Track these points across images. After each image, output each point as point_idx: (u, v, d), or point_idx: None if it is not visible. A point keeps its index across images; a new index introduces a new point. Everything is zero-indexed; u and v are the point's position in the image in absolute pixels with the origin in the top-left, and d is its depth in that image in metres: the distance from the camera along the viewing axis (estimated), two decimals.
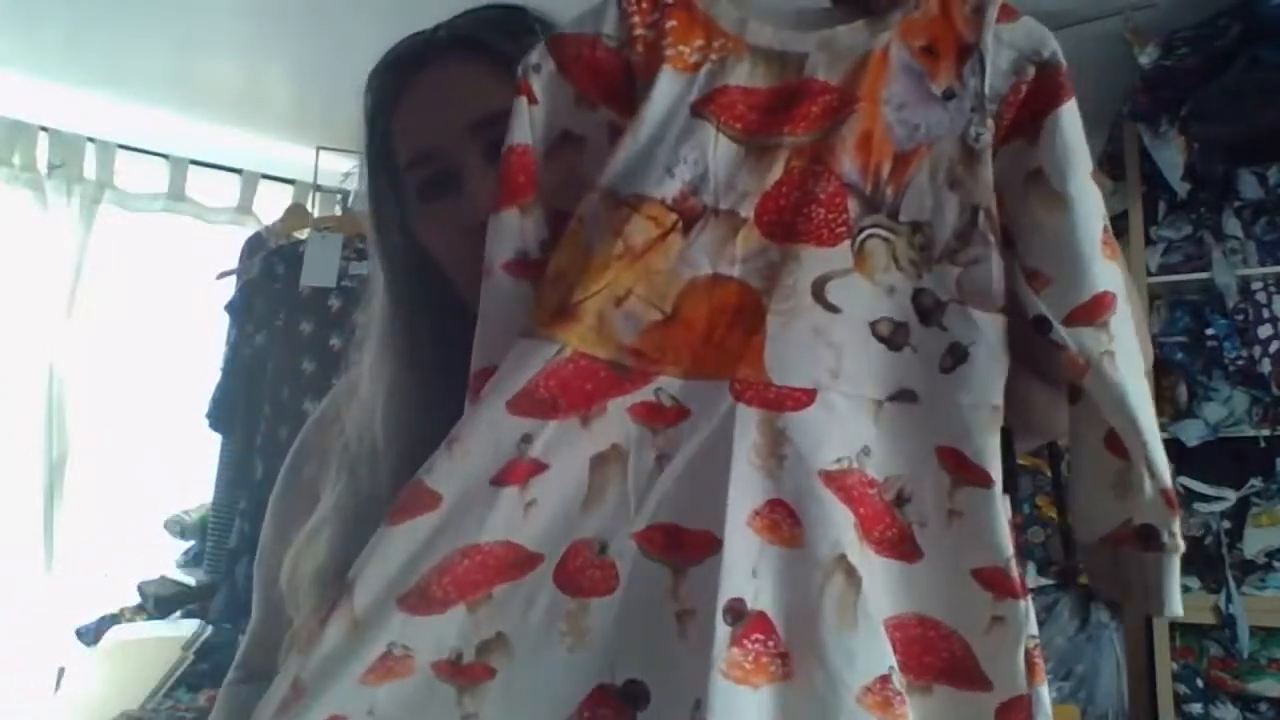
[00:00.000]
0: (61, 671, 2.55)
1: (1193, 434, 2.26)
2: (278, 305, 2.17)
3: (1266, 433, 2.21)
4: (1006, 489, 0.55)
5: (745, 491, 0.52)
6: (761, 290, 0.55)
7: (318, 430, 0.84)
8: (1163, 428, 2.32)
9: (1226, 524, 2.25)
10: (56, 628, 2.63)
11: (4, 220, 2.73)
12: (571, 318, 0.55)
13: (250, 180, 3.18)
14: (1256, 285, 2.24)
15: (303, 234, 2.30)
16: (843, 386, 0.55)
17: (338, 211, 2.46)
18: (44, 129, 2.77)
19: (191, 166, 3.06)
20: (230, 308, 2.24)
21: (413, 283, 0.74)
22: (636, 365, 0.55)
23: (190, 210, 3.09)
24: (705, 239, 0.56)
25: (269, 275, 2.20)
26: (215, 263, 2.49)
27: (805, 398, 0.54)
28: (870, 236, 0.56)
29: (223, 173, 3.14)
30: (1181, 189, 2.25)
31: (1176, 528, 0.57)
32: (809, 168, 0.56)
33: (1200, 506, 2.28)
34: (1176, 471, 2.32)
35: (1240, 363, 2.23)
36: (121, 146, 2.91)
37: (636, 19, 0.60)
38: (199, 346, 2.61)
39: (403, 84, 0.73)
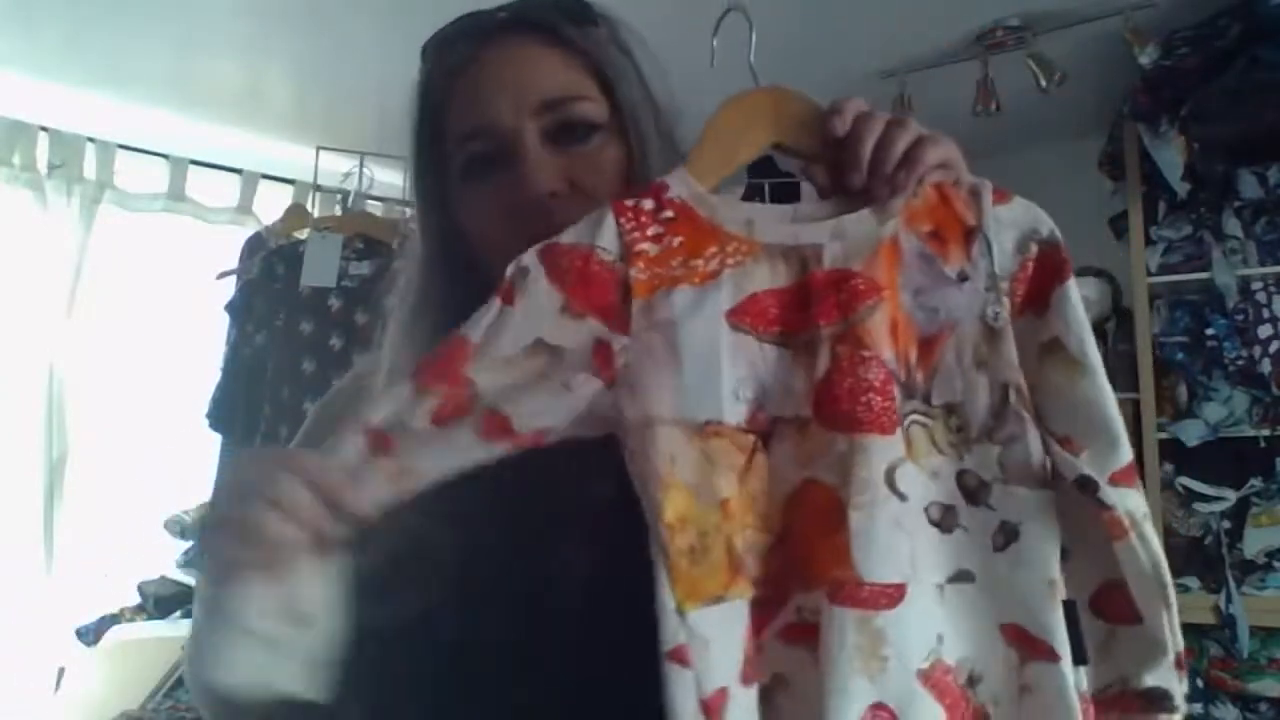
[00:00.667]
0: (61, 671, 2.55)
1: (1193, 434, 2.26)
2: (278, 305, 2.17)
3: (1266, 433, 2.21)
4: (1076, 660, 0.55)
5: (850, 698, 0.52)
6: (837, 485, 0.55)
7: (339, 399, 0.83)
8: (1162, 428, 2.35)
9: (1226, 524, 2.25)
10: (56, 628, 2.64)
11: (4, 220, 2.73)
12: (738, 571, 0.55)
13: (250, 180, 3.18)
14: (1256, 285, 2.24)
15: (303, 234, 2.30)
16: (920, 575, 0.55)
17: (338, 211, 2.46)
18: (44, 129, 2.76)
19: (191, 166, 3.06)
20: (230, 308, 2.24)
21: (447, 260, 0.73)
22: (773, 595, 0.56)
23: (190, 210, 3.08)
24: (784, 450, 0.57)
25: (269, 275, 2.20)
26: (215, 263, 2.49)
27: (897, 593, 0.54)
28: (912, 423, 0.58)
29: (223, 173, 3.14)
30: (1181, 189, 2.25)
31: (1182, 689, 0.61)
32: (855, 353, 0.57)
33: (1200, 506, 2.28)
34: (1176, 471, 2.32)
35: (1240, 363, 2.23)
36: (121, 146, 2.91)
37: (637, 234, 0.60)
38: (199, 346, 2.61)
39: (461, 58, 0.71)
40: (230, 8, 2.19)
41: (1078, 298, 0.58)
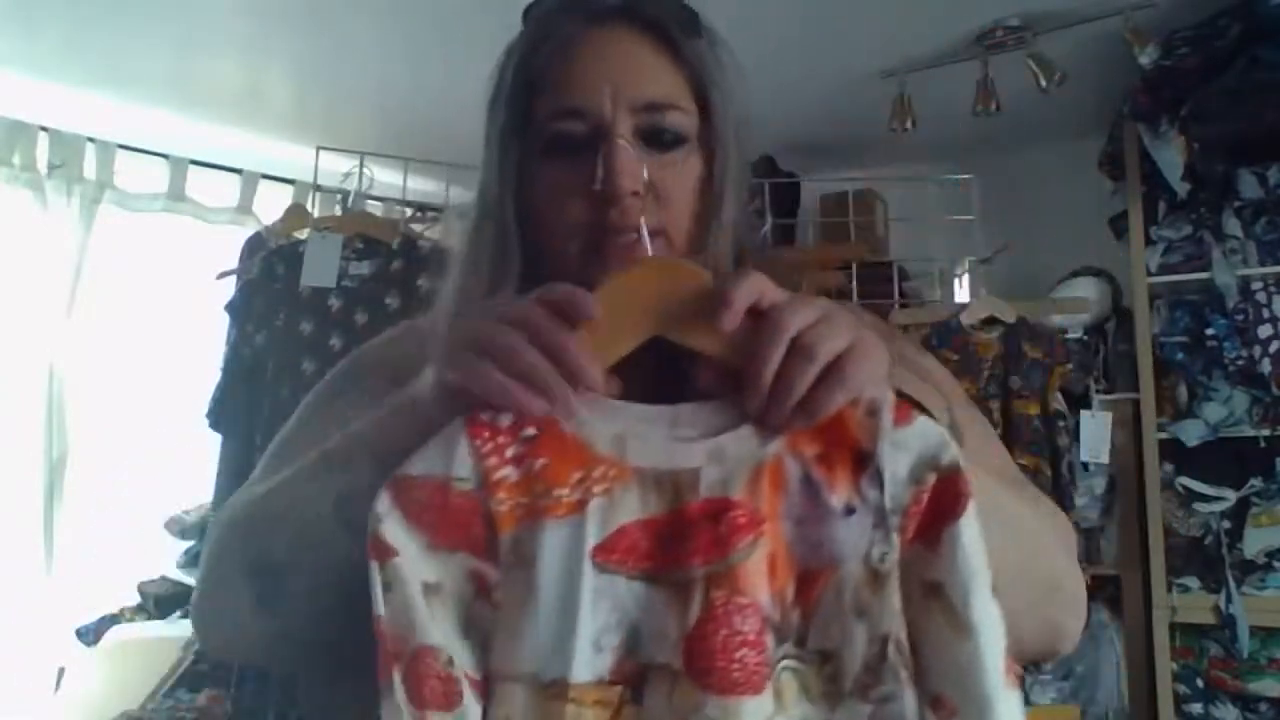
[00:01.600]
0: (61, 671, 2.55)
1: (1193, 434, 2.26)
2: (278, 305, 2.17)
3: (1266, 433, 2.21)
4: None
5: None
6: None
7: (377, 350, 0.82)
8: (1163, 428, 2.35)
9: (1226, 524, 2.25)
10: (56, 628, 2.64)
11: (4, 220, 2.73)
12: None
13: (250, 180, 3.18)
14: (1256, 285, 2.24)
15: (303, 234, 2.30)
16: None
17: (338, 211, 2.46)
18: (44, 129, 2.76)
19: (191, 166, 3.06)
20: (230, 308, 2.24)
21: (501, 226, 0.71)
22: None
23: (190, 210, 3.08)
24: (657, 701, 0.51)
25: (269, 275, 2.20)
26: (215, 263, 2.49)
27: None
28: (783, 670, 0.53)
29: (223, 173, 3.14)
30: (1181, 189, 2.25)
31: None
32: (731, 600, 0.52)
33: (1200, 506, 2.28)
34: (1176, 471, 2.32)
35: (1240, 363, 2.23)
36: (121, 146, 2.91)
37: (494, 459, 0.53)
38: (199, 346, 2.61)
39: (569, 33, 0.70)
40: (230, 8, 2.19)
41: (972, 539, 0.52)
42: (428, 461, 0.54)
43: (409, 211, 2.65)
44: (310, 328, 2.14)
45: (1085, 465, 2.32)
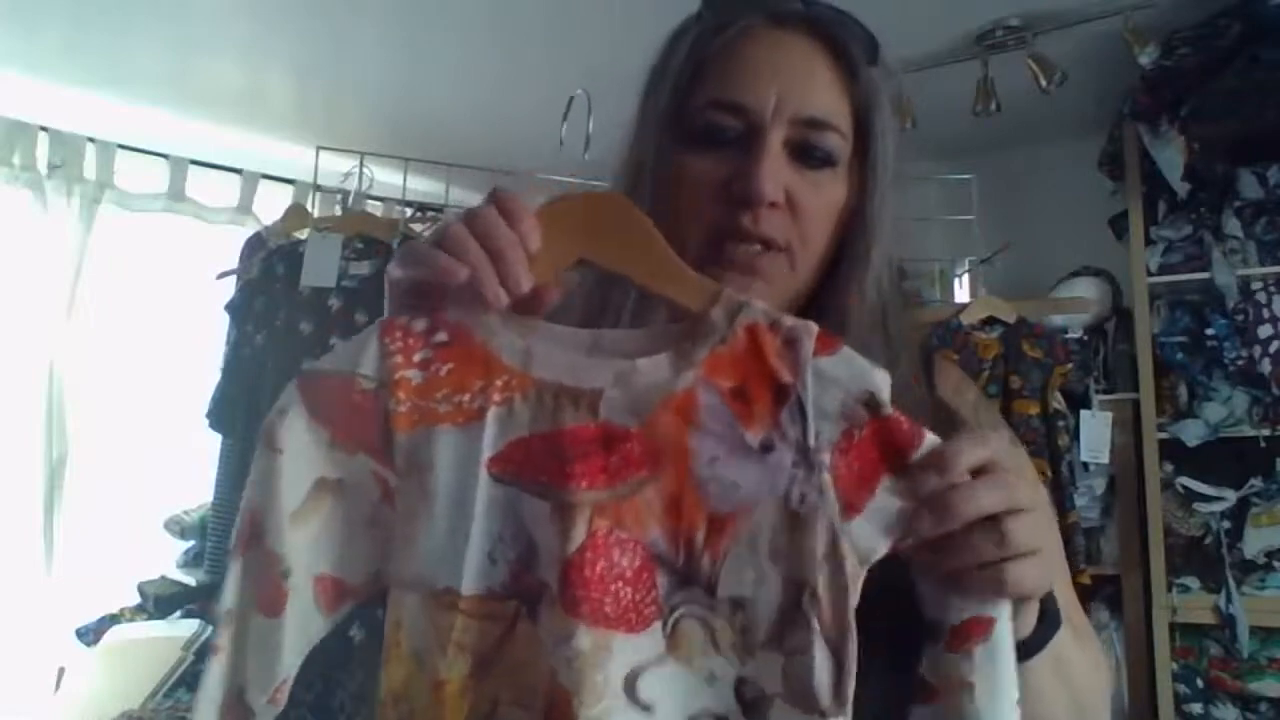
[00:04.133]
0: (61, 671, 2.55)
1: (1193, 434, 2.26)
2: (278, 305, 2.17)
3: (1266, 433, 2.21)
4: None
5: None
6: (571, 689, 0.48)
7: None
8: (1163, 428, 2.35)
9: (1226, 524, 2.25)
10: (56, 628, 2.63)
11: (4, 220, 2.73)
12: None
13: (250, 180, 3.18)
14: (1256, 285, 2.24)
15: (303, 234, 2.30)
16: None
17: (338, 211, 2.46)
18: (44, 129, 2.76)
19: (191, 166, 3.06)
20: (230, 308, 2.24)
21: (633, 193, 0.68)
22: None
23: (190, 210, 3.08)
24: (548, 619, 0.50)
25: (269, 275, 2.20)
26: (215, 263, 2.49)
27: None
28: (684, 617, 0.50)
29: (223, 173, 3.14)
30: (1181, 189, 2.25)
31: None
32: (613, 533, 0.49)
33: (1200, 506, 2.28)
34: (1176, 471, 2.32)
35: (1240, 363, 2.23)
36: (121, 146, 2.91)
37: (400, 358, 0.52)
38: (199, 346, 2.61)
39: (749, 26, 0.67)
40: (230, 8, 2.19)
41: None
42: (338, 358, 0.54)
43: (409, 211, 2.65)
44: (310, 328, 2.14)
45: (1085, 465, 2.32)
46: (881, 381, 0.50)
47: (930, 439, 0.50)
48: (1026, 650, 0.56)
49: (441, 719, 0.49)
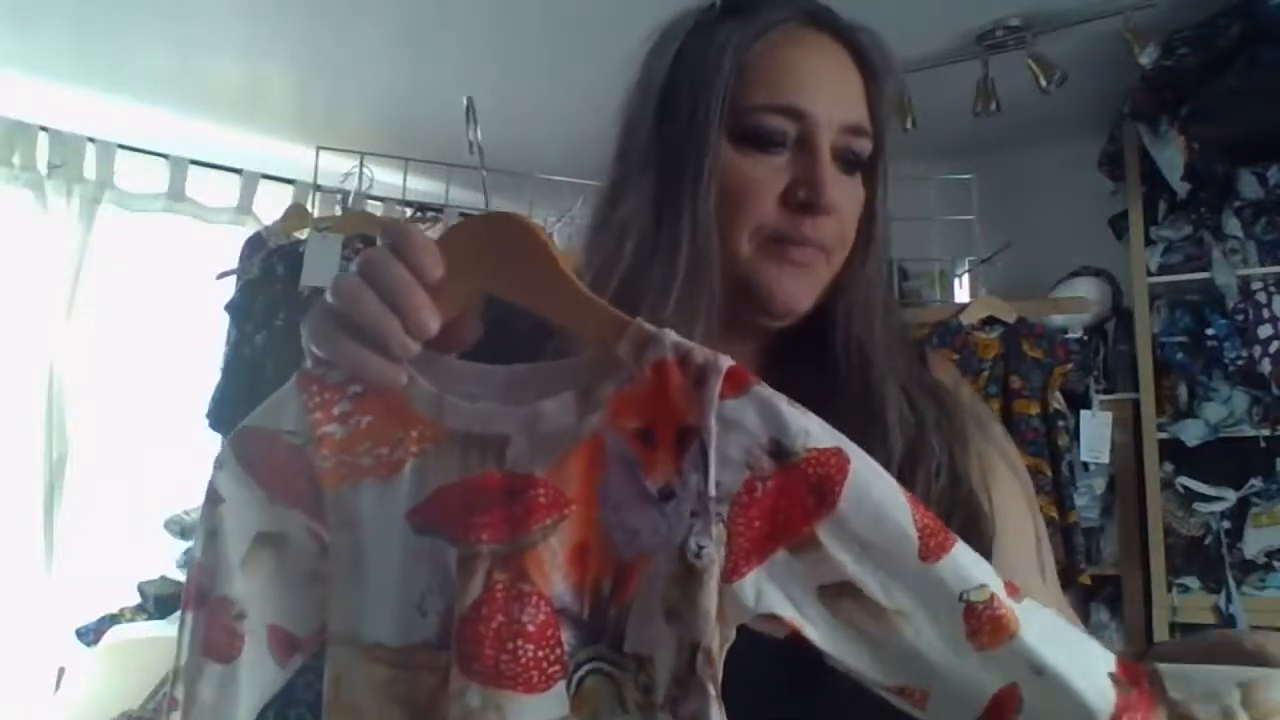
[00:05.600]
0: (61, 671, 2.55)
1: (1193, 434, 2.26)
2: (278, 305, 2.17)
3: (1266, 433, 2.22)
4: None
5: None
6: None
7: None
8: (1163, 428, 2.35)
9: (1226, 524, 2.25)
10: (56, 628, 2.63)
11: (4, 220, 2.73)
12: None
13: (250, 180, 3.18)
14: (1256, 285, 2.25)
15: (303, 234, 2.30)
16: None
17: (338, 211, 2.46)
18: (44, 129, 2.76)
19: (191, 166, 3.06)
20: (230, 308, 2.24)
21: (699, 227, 0.65)
22: None
23: (190, 210, 3.08)
24: (452, 675, 0.48)
25: (269, 275, 2.20)
26: (215, 263, 2.49)
27: None
28: (591, 673, 0.48)
29: (223, 173, 3.14)
30: (1181, 189, 2.25)
31: None
32: (513, 586, 0.47)
33: (1200, 506, 2.28)
34: (1176, 471, 2.32)
35: (1240, 363, 2.23)
36: (121, 146, 2.90)
37: (320, 414, 0.52)
38: (199, 346, 2.61)
39: (796, 31, 0.68)
40: (230, 8, 2.19)
41: (864, 520, 0.45)
42: (264, 415, 0.54)
43: (409, 211, 2.65)
44: None
45: (1085, 465, 2.32)
46: (796, 427, 0.46)
47: (852, 478, 0.45)
48: None
49: None
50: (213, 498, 0.52)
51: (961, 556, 0.46)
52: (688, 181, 0.65)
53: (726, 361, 0.48)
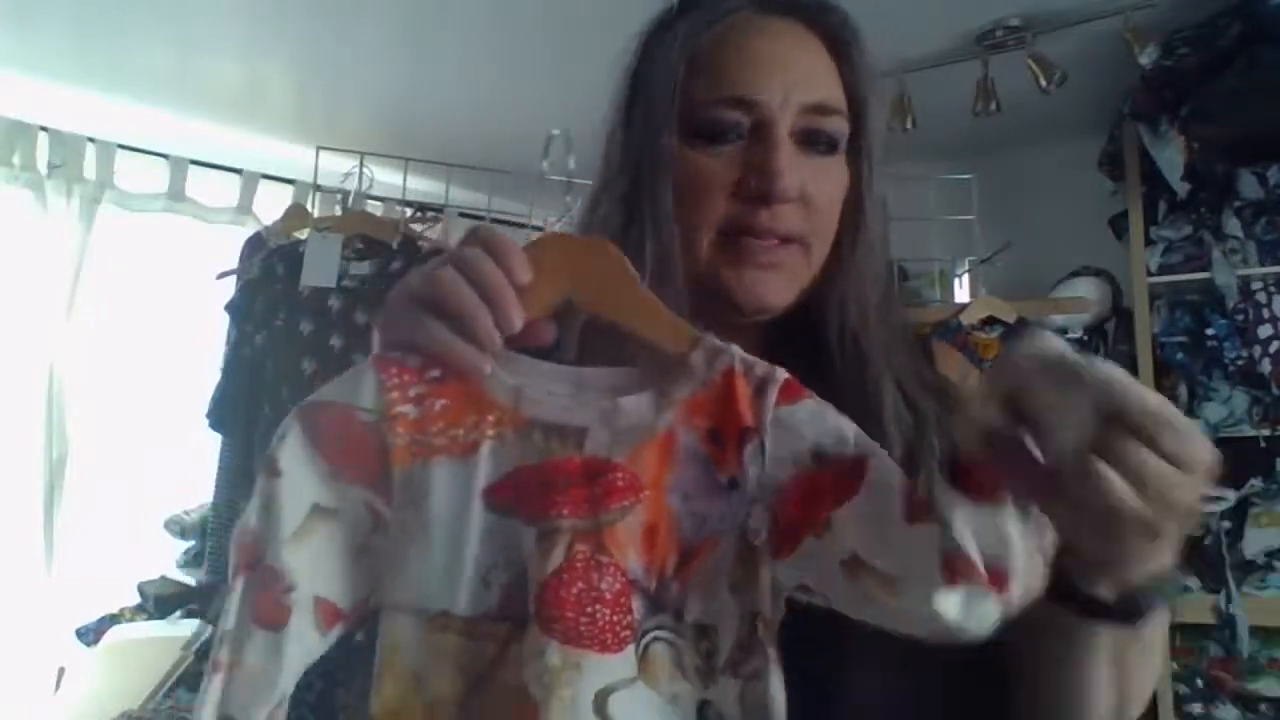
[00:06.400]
0: (61, 671, 2.55)
1: None
2: (278, 305, 2.17)
3: (1266, 433, 2.21)
4: None
5: None
6: (539, 701, 0.50)
7: None
8: None
9: (1226, 524, 2.25)
10: (56, 628, 2.63)
11: (4, 220, 2.73)
12: None
13: (250, 180, 3.18)
14: (1256, 285, 2.24)
15: (303, 234, 2.30)
16: None
17: (338, 211, 2.46)
18: (44, 129, 2.76)
19: (191, 166, 3.06)
20: (230, 308, 2.24)
21: (659, 224, 0.66)
22: None
23: (190, 210, 3.08)
24: (528, 637, 0.52)
25: (269, 275, 2.20)
26: (215, 263, 2.49)
27: None
28: (655, 640, 0.53)
29: (223, 173, 3.14)
30: (1181, 189, 2.25)
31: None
32: (593, 558, 0.52)
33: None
34: None
35: (1240, 363, 2.23)
36: (121, 146, 2.91)
37: (396, 394, 0.55)
38: (199, 346, 2.61)
39: (746, 18, 0.67)
40: (230, 7, 2.19)
41: (881, 504, 0.51)
42: (336, 390, 0.56)
43: (409, 211, 2.65)
44: (310, 328, 2.14)
45: None
46: (833, 433, 0.53)
47: (869, 475, 0.52)
48: (1130, 609, 0.53)
49: None
50: (272, 468, 0.54)
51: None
52: (646, 182, 0.66)
53: (782, 374, 0.55)
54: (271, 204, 3.08)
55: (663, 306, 0.58)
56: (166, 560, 2.74)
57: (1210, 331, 2.28)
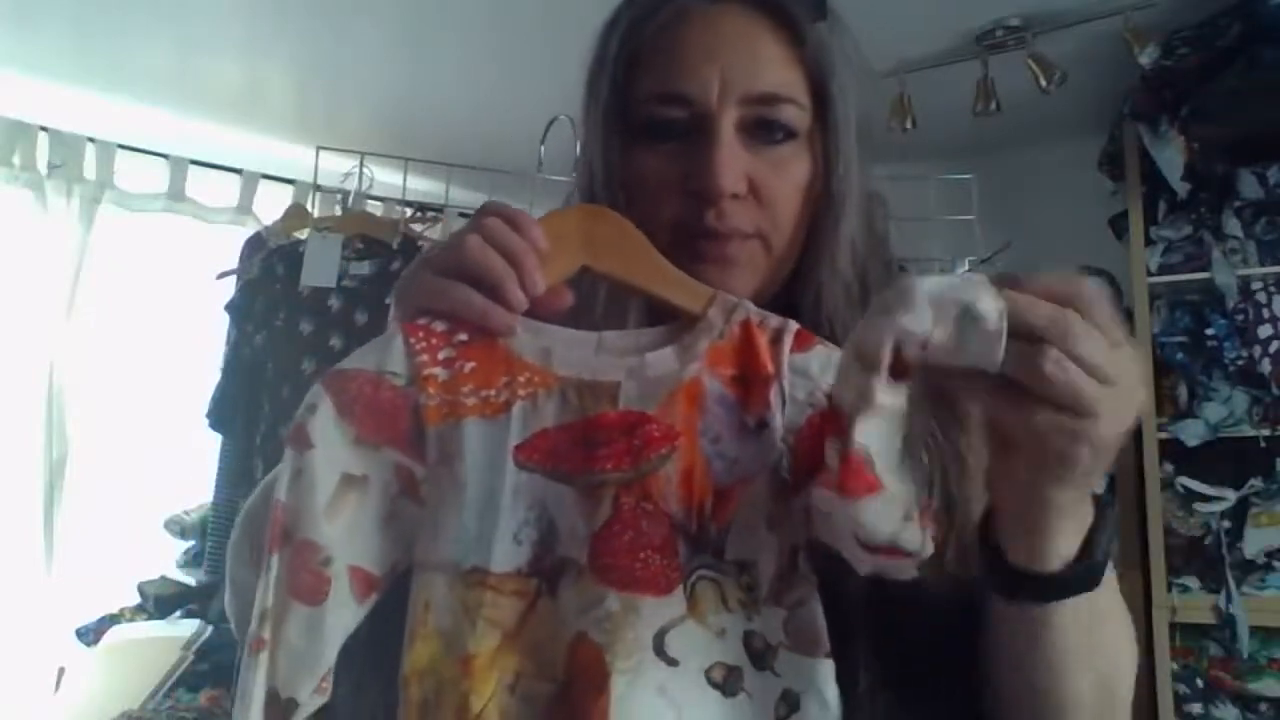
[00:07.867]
0: (61, 671, 2.55)
1: (1193, 434, 2.26)
2: (278, 305, 2.17)
3: (1266, 433, 2.21)
4: None
5: None
6: (604, 645, 0.52)
7: None
8: (1162, 428, 2.34)
9: (1226, 524, 2.25)
10: (56, 628, 2.63)
11: (4, 220, 2.73)
12: None
13: (250, 180, 3.18)
14: (1256, 285, 2.24)
15: (303, 234, 2.30)
16: None
17: (338, 211, 2.46)
18: (44, 129, 2.76)
19: (191, 166, 3.06)
20: (230, 308, 2.24)
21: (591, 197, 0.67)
22: None
23: (190, 210, 3.08)
24: (568, 594, 0.54)
25: (269, 275, 2.21)
26: (215, 263, 2.49)
27: None
28: (700, 579, 0.55)
29: (223, 173, 3.14)
30: (1181, 189, 2.25)
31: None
32: (639, 506, 0.54)
33: (1200, 506, 2.28)
34: (1176, 471, 2.32)
35: (1240, 363, 2.23)
36: (121, 146, 2.91)
37: (425, 357, 0.56)
38: (199, 346, 2.61)
39: (680, 7, 0.64)
40: (230, 7, 2.19)
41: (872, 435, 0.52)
42: (363, 358, 0.57)
43: (409, 211, 2.65)
44: (310, 328, 2.14)
45: None
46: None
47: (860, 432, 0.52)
48: (1061, 586, 0.52)
49: (472, 691, 0.52)
50: (303, 441, 0.55)
51: None
52: (599, 182, 0.66)
53: (795, 325, 0.58)
54: (271, 204, 3.08)
55: (674, 268, 0.60)
56: (166, 560, 2.74)
57: (1210, 331, 2.28)
